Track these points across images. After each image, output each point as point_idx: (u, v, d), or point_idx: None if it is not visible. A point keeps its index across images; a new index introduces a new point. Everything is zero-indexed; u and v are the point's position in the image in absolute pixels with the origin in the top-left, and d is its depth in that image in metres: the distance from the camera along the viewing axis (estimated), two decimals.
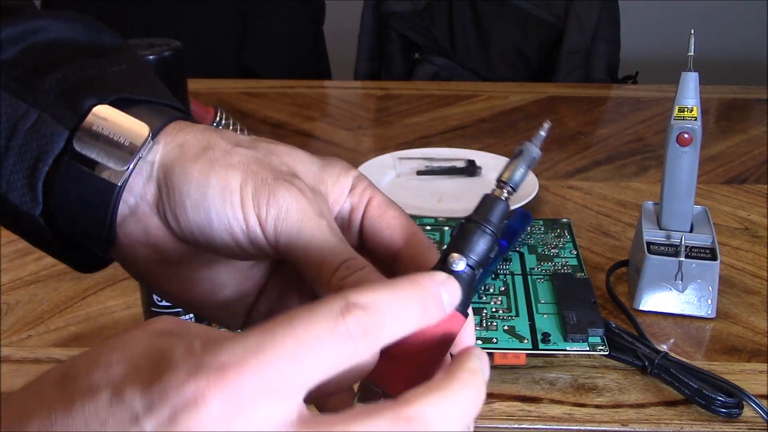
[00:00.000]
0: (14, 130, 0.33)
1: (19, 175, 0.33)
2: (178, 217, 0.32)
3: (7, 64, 0.33)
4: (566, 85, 1.42)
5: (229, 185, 0.32)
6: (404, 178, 0.92)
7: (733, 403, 0.51)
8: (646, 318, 0.64)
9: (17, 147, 0.33)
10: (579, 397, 0.54)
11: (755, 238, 0.77)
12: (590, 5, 1.57)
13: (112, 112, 0.33)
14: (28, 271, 0.72)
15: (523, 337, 0.56)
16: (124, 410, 0.21)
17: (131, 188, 0.33)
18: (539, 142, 0.30)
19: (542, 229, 0.73)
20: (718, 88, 1.27)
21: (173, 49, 0.55)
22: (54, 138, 0.33)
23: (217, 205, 0.32)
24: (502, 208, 0.30)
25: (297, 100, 1.24)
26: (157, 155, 0.33)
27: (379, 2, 1.67)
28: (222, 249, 0.33)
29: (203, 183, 0.32)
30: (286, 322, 0.22)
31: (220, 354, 0.21)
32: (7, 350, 0.60)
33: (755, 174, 0.95)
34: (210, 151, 0.33)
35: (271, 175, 0.32)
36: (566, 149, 1.03)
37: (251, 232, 0.32)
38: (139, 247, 0.34)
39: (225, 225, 0.32)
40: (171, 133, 0.34)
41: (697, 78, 0.61)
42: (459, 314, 0.28)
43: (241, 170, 0.32)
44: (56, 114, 0.33)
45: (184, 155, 0.33)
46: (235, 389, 0.21)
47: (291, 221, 0.31)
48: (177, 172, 0.32)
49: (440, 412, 0.23)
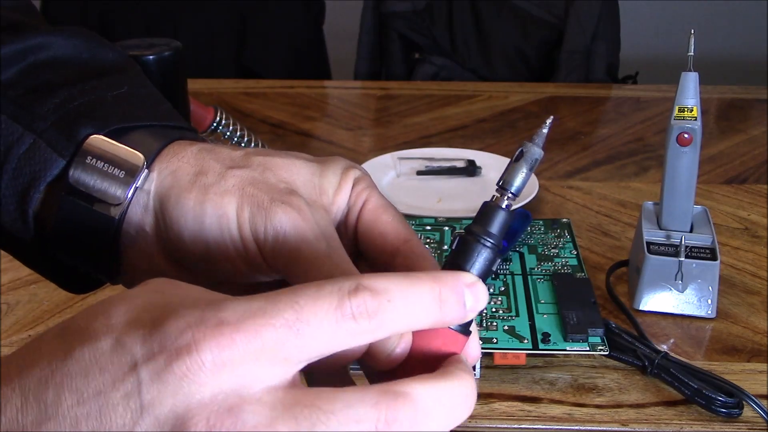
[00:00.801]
0: (8, 153, 0.32)
1: (11, 199, 0.33)
2: (178, 249, 0.32)
3: (5, 85, 0.33)
4: (566, 85, 1.42)
5: (225, 213, 0.31)
6: (404, 178, 0.92)
7: (733, 403, 0.51)
8: (646, 318, 0.64)
9: (10, 171, 0.33)
10: (579, 397, 0.54)
11: (755, 238, 0.77)
12: (590, 5, 1.57)
13: (107, 144, 0.33)
14: (28, 271, 0.71)
15: (523, 337, 0.56)
16: (123, 357, 0.22)
17: (130, 219, 0.33)
18: (541, 141, 0.29)
19: (542, 229, 0.73)
20: (718, 88, 1.27)
21: (173, 49, 0.55)
22: (47, 165, 0.32)
23: (215, 236, 0.31)
24: (502, 218, 0.28)
25: (297, 100, 1.24)
26: (153, 184, 0.33)
27: (379, 2, 1.67)
28: (224, 273, 0.33)
29: (199, 214, 0.32)
30: (291, 292, 0.23)
31: (222, 311, 0.22)
32: (7, 350, 0.60)
33: (755, 174, 0.95)
34: (204, 177, 0.32)
35: (267, 197, 0.31)
36: (566, 149, 1.03)
37: (251, 257, 0.31)
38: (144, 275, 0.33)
39: (224, 254, 0.32)
40: (165, 159, 0.33)
41: (697, 78, 0.61)
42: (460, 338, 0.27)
43: (237, 195, 0.31)
44: (51, 140, 0.33)
45: (179, 184, 0.32)
46: (229, 344, 0.21)
47: (289, 245, 0.30)
48: (172, 203, 0.32)
49: (431, 394, 0.23)
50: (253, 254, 0.31)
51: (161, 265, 0.34)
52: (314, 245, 0.30)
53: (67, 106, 0.33)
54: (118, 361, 0.22)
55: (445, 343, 0.27)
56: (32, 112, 0.33)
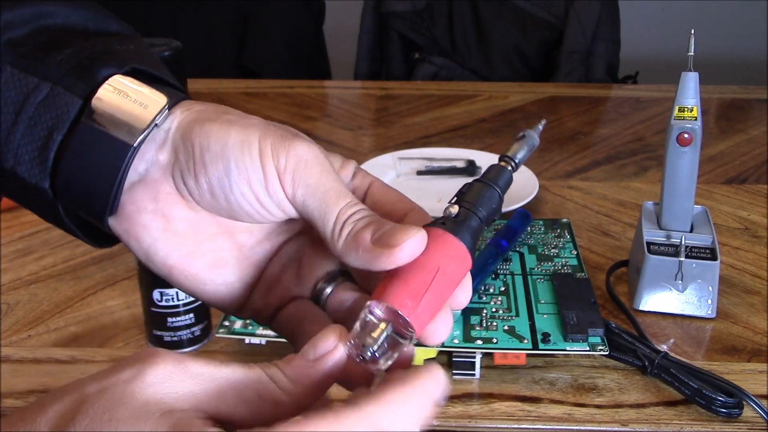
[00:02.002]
0: (24, 103, 0.33)
1: (29, 147, 0.33)
2: (197, 174, 0.33)
3: (16, 42, 0.34)
4: (566, 85, 1.42)
5: (248, 139, 0.32)
6: (404, 178, 0.92)
7: (733, 403, 0.51)
8: (646, 318, 0.64)
9: (26, 120, 0.33)
10: (579, 397, 0.54)
11: (755, 238, 0.77)
12: (590, 5, 1.57)
13: (130, 81, 0.34)
14: (28, 271, 0.72)
15: (523, 337, 0.56)
16: None
17: (142, 155, 0.33)
18: (538, 133, 0.34)
19: (542, 229, 0.73)
20: (718, 88, 1.27)
21: (173, 49, 0.55)
22: (68, 108, 0.33)
23: (237, 156, 0.32)
24: (508, 175, 0.33)
25: (297, 100, 1.24)
26: (174, 122, 0.34)
27: (379, 2, 1.67)
28: (238, 204, 0.33)
29: (223, 136, 0.32)
30: None
31: None
32: (7, 350, 0.60)
33: (755, 174, 0.95)
34: (228, 115, 0.34)
35: (289, 133, 0.33)
36: (566, 149, 1.03)
37: (269, 182, 0.32)
38: (146, 215, 0.34)
39: (244, 175, 0.32)
40: (185, 105, 0.34)
41: (697, 78, 0.61)
42: (468, 254, 0.30)
43: (260, 128, 0.33)
44: (70, 85, 0.33)
45: (203, 117, 0.34)
46: None
47: (311, 172, 0.32)
48: (196, 130, 0.33)
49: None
50: (271, 179, 0.32)
51: (167, 203, 0.34)
52: (331, 176, 0.32)
53: (81, 55, 0.34)
54: None
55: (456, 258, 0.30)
56: (46, 63, 0.33)
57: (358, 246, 0.30)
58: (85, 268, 0.72)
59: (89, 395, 0.25)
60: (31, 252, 0.75)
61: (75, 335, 0.62)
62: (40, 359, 0.59)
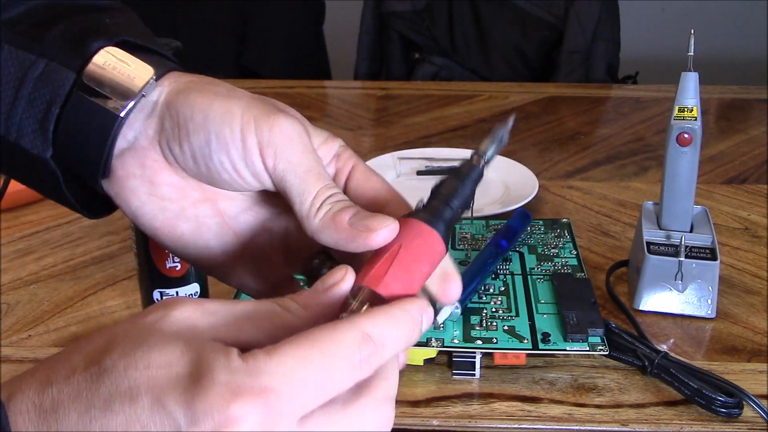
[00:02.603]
0: (23, 79, 0.35)
1: (30, 120, 0.35)
2: (181, 141, 0.34)
3: (12, 22, 0.35)
4: (566, 85, 1.41)
5: (230, 110, 0.34)
6: (404, 178, 0.92)
7: (733, 403, 0.51)
8: (646, 318, 0.64)
9: (26, 95, 0.35)
10: (579, 397, 0.54)
11: (755, 238, 0.77)
12: (590, 5, 1.57)
13: (119, 53, 0.35)
14: (28, 271, 0.72)
15: (523, 337, 0.56)
16: (165, 418, 0.24)
17: (131, 124, 0.35)
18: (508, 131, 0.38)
19: (542, 229, 0.73)
20: (718, 88, 1.27)
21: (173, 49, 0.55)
22: (63, 82, 0.35)
23: (218, 126, 0.34)
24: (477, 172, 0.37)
25: (297, 100, 1.24)
26: (162, 95, 0.35)
27: (379, 2, 1.67)
28: (217, 172, 0.35)
29: (205, 107, 0.34)
30: (316, 349, 0.27)
31: (260, 377, 0.25)
32: (7, 350, 0.60)
33: (755, 174, 0.95)
34: (215, 87, 0.35)
35: (275, 107, 0.35)
36: (566, 149, 1.03)
37: (248, 153, 0.34)
38: (134, 180, 0.36)
39: (224, 145, 0.34)
40: (174, 76, 0.36)
41: (697, 78, 0.61)
42: (428, 229, 0.33)
43: (244, 101, 0.34)
44: (64, 60, 0.35)
45: (189, 88, 0.35)
46: (272, 411, 0.25)
47: (294, 149, 0.34)
48: (181, 100, 0.35)
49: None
50: (250, 151, 0.34)
51: (154, 170, 0.36)
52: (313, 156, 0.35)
53: (73, 29, 0.35)
54: (161, 423, 0.24)
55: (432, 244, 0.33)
56: (41, 42, 0.35)
57: (336, 225, 0.33)
58: (85, 268, 0.72)
59: (118, 334, 0.27)
60: (31, 252, 0.75)
61: (75, 335, 0.62)
62: (40, 359, 0.59)
